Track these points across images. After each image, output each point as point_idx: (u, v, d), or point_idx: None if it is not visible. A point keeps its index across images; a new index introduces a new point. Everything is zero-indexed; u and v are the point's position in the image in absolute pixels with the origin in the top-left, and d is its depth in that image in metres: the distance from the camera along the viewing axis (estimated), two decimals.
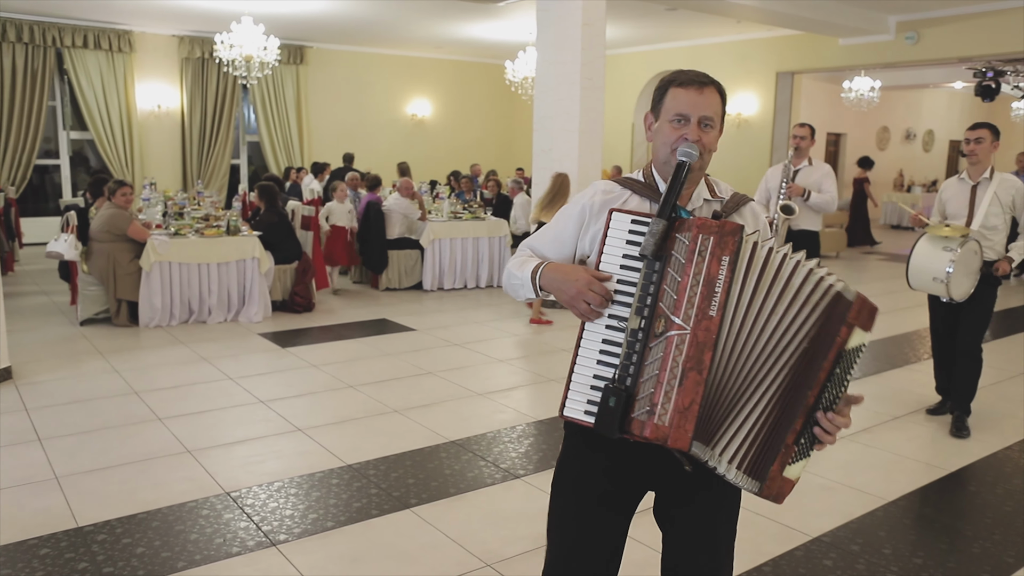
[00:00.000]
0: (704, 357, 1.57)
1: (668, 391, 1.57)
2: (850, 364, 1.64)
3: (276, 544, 3.15)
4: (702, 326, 1.58)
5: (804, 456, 1.66)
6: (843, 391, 1.66)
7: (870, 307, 1.63)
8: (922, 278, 4.41)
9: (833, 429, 1.64)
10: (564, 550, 1.90)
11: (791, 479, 1.65)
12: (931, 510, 3.60)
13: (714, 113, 1.76)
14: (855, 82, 13.41)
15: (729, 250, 1.58)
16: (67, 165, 12.14)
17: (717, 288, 1.58)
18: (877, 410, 4.94)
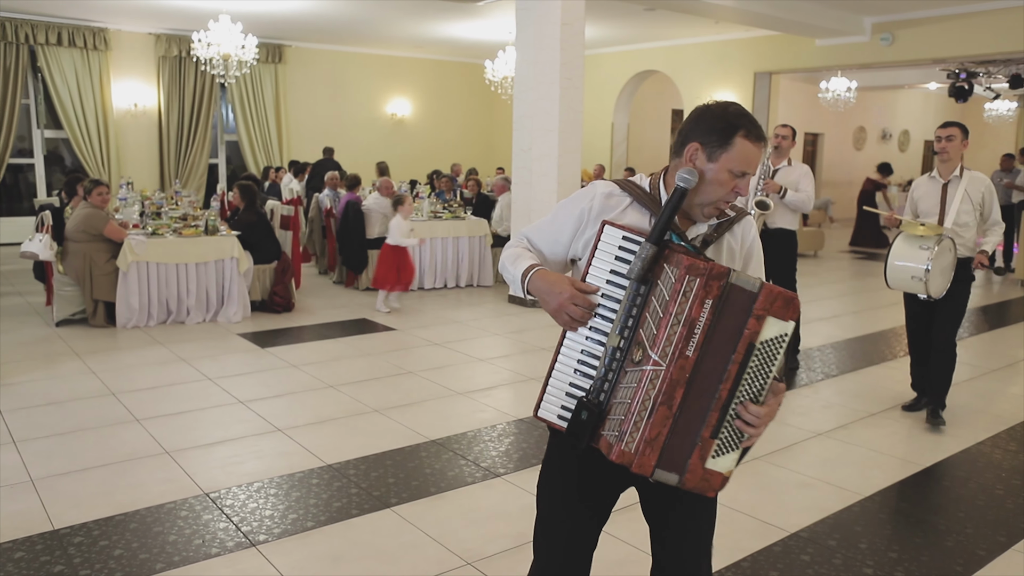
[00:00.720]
0: (676, 393, 1.62)
1: (638, 422, 1.64)
2: (771, 355, 1.62)
3: (256, 544, 3.14)
4: (677, 364, 1.61)
5: (731, 449, 1.65)
6: (767, 382, 1.64)
7: (784, 296, 1.60)
8: (900, 277, 4.46)
9: (754, 420, 1.63)
10: (551, 544, 1.92)
11: (719, 471, 1.65)
12: (906, 505, 3.66)
13: None
14: (832, 82, 13.54)
15: (713, 294, 1.60)
16: (41, 164, 11.98)
17: (697, 330, 1.61)
18: (854, 407, 4.99)
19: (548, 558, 1.92)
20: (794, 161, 5.76)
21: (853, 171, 17.90)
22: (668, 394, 1.62)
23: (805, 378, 5.64)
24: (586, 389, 1.71)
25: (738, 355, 1.59)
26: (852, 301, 8.66)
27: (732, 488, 3.74)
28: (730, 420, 1.63)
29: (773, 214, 5.63)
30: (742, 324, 1.59)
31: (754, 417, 1.63)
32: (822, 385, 5.47)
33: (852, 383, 5.54)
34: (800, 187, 5.64)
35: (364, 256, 8.49)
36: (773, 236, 5.67)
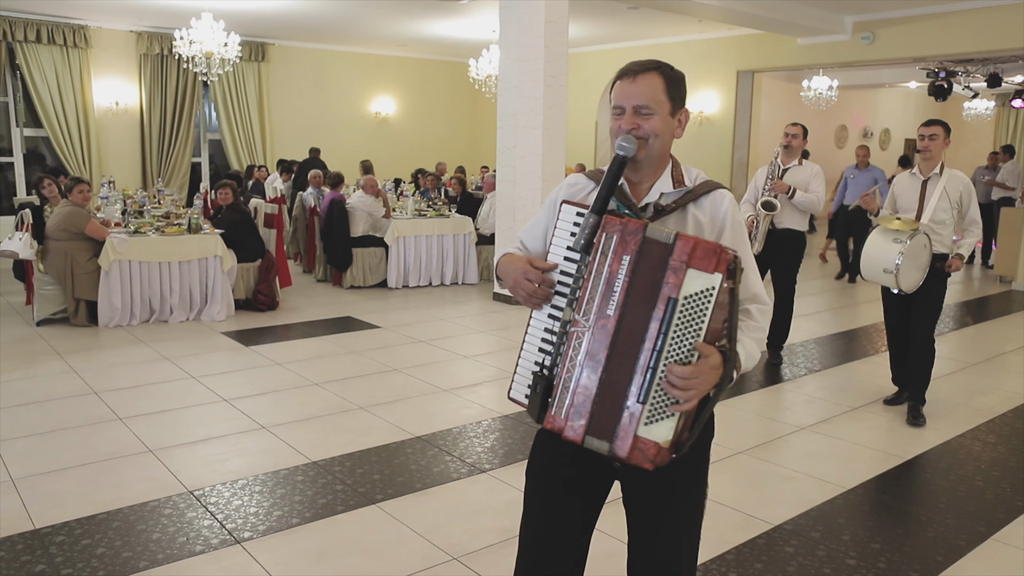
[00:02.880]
0: (600, 355, 1.59)
1: (566, 385, 1.62)
2: (697, 311, 1.53)
3: (241, 542, 3.12)
4: (599, 324, 1.59)
5: (665, 416, 1.57)
6: (695, 341, 1.55)
7: (704, 246, 1.51)
8: (873, 269, 4.51)
9: (679, 382, 1.53)
10: (532, 535, 1.91)
11: (654, 440, 1.57)
12: (888, 497, 3.69)
13: (650, 100, 1.73)
14: (814, 81, 13.64)
15: (631, 249, 1.57)
16: (21, 163, 11.85)
17: (616, 287, 1.58)
18: (837, 401, 5.04)
19: (529, 549, 1.91)
20: (805, 161, 5.67)
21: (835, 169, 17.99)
22: (592, 354, 1.59)
23: (789, 373, 5.68)
24: (546, 365, 1.70)
25: (659, 311, 1.52)
26: (835, 298, 8.72)
27: (715, 481, 3.77)
28: (659, 384, 1.55)
29: (781, 214, 5.56)
30: (660, 278, 1.52)
31: (679, 379, 1.53)
32: (805, 380, 5.52)
33: (835, 378, 5.59)
34: (810, 188, 5.54)
35: (349, 254, 8.47)
36: (780, 236, 5.60)
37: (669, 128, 1.78)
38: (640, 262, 1.56)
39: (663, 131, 1.76)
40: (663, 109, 1.75)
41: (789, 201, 5.50)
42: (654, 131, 1.74)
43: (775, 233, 5.60)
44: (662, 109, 1.75)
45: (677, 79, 1.79)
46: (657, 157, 1.78)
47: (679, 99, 1.79)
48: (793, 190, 5.48)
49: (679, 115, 1.80)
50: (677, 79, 1.79)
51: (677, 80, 1.79)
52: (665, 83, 1.76)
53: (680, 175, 1.83)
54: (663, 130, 1.76)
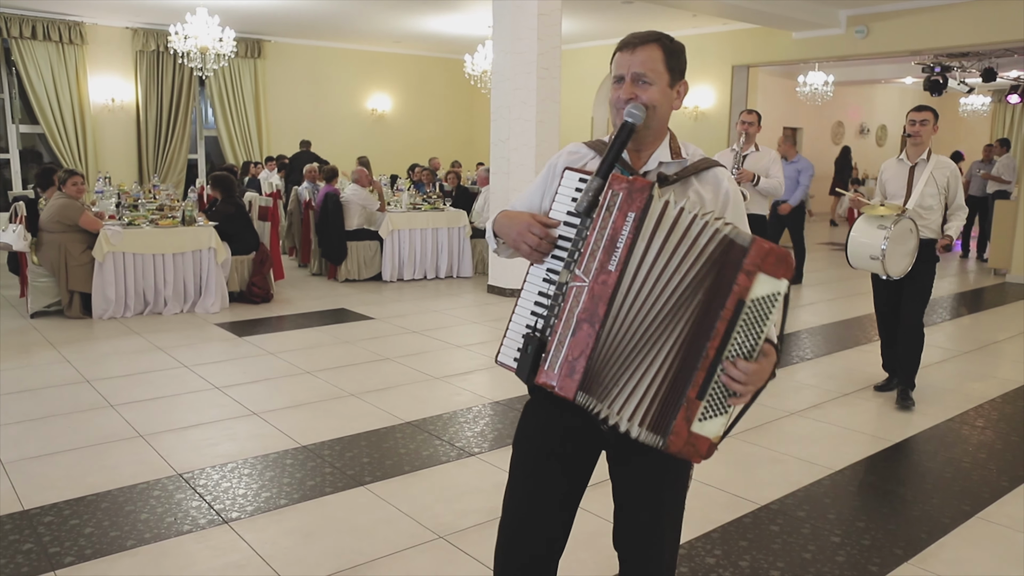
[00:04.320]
0: (599, 310, 1.58)
1: (561, 340, 1.61)
2: (763, 314, 1.55)
3: (228, 521, 3.14)
4: (599, 280, 1.59)
5: (720, 412, 1.59)
6: (759, 342, 1.57)
7: (777, 253, 1.52)
8: (860, 256, 4.54)
9: (741, 376, 1.55)
10: (515, 501, 1.91)
11: (706, 436, 1.59)
12: (875, 478, 3.71)
13: (649, 69, 1.73)
14: (809, 77, 13.66)
15: (636, 206, 1.57)
16: (17, 159, 11.86)
17: (619, 243, 1.58)
18: (827, 388, 5.05)
19: (512, 514, 1.91)
20: (762, 147, 5.86)
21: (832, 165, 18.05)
22: (591, 311, 1.59)
23: (781, 361, 5.66)
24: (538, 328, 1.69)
25: (727, 312, 1.53)
26: (828, 289, 8.74)
27: (705, 464, 3.76)
28: (718, 381, 1.57)
29: (747, 201, 5.69)
30: (732, 280, 1.53)
31: (742, 374, 1.55)
32: (797, 368, 5.53)
33: (826, 366, 5.60)
34: (771, 173, 5.75)
35: (343, 248, 8.48)
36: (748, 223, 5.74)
37: (668, 99, 1.78)
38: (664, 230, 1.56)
39: (661, 102, 1.76)
40: (662, 80, 1.75)
41: (754, 188, 5.65)
42: (652, 101, 1.74)
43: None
44: (660, 80, 1.75)
45: (676, 51, 1.79)
46: (656, 128, 1.79)
47: (678, 71, 1.79)
48: (757, 177, 5.64)
49: (678, 87, 1.80)
50: (676, 51, 1.79)
51: (676, 52, 1.79)
52: (664, 54, 1.76)
53: (678, 147, 1.84)
54: (661, 101, 1.76)
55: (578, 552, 2.82)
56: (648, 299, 1.58)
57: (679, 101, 1.81)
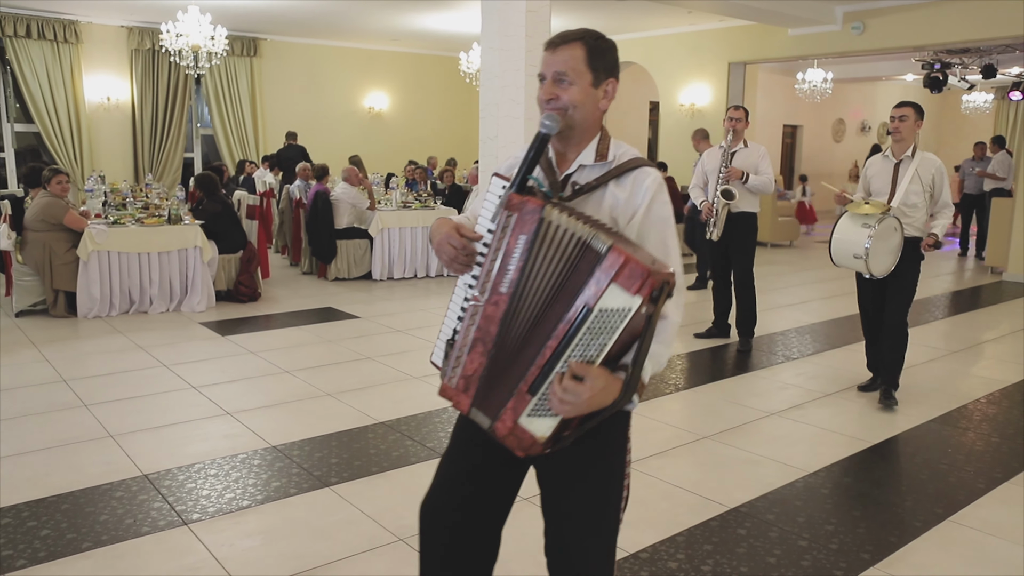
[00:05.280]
0: (491, 330, 1.60)
1: (459, 356, 1.65)
2: (608, 326, 1.47)
3: (188, 523, 3.10)
4: (492, 300, 1.60)
5: (549, 414, 1.56)
6: (600, 355, 1.50)
7: (633, 267, 1.43)
8: (843, 255, 4.48)
9: (560, 392, 1.50)
10: (435, 479, 1.90)
11: (531, 432, 1.57)
12: (849, 480, 3.65)
13: (570, 68, 1.70)
14: (808, 74, 13.56)
15: (528, 229, 1.57)
16: (12, 158, 11.86)
17: (511, 266, 1.58)
18: (810, 388, 4.99)
19: (429, 491, 1.89)
20: (750, 143, 5.76)
21: (833, 163, 17.95)
22: (484, 330, 1.61)
23: (765, 361, 5.63)
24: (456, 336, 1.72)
25: (572, 314, 1.49)
26: (820, 288, 8.67)
27: (676, 465, 3.74)
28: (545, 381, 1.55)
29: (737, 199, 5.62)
30: (583, 282, 1.48)
31: (561, 391, 1.50)
32: (780, 368, 5.47)
33: (811, 365, 5.54)
34: (760, 169, 5.65)
35: (333, 246, 8.45)
36: (735, 220, 5.69)
37: (591, 99, 1.74)
38: (547, 249, 1.55)
39: (583, 102, 1.72)
40: (583, 80, 1.72)
41: (743, 185, 5.56)
42: (572, 102, 1.71)
43: (731, 217, 5.66)
44: (582, 80, 1.72)
45: (601, 49, 1.75)
46: (581, 128, 1.75)
47: (604, 70, 1.75)
48: (746, 175, 5.55)
49: (604, 86, 1.76)
50: (601, 49, 1.75)
51: (602, 50, 1.74)
52: (587, 53, 1.72)
53: (606, 149, 1.79)
54: (583, 101, 1.72)
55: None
56: (534, 318, 1.57)
57: (607, 101, 1.77)
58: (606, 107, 1.78)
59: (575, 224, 1.53)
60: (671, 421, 4.38)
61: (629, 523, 3.14)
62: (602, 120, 1.81)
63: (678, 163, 12.34)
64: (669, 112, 12.76)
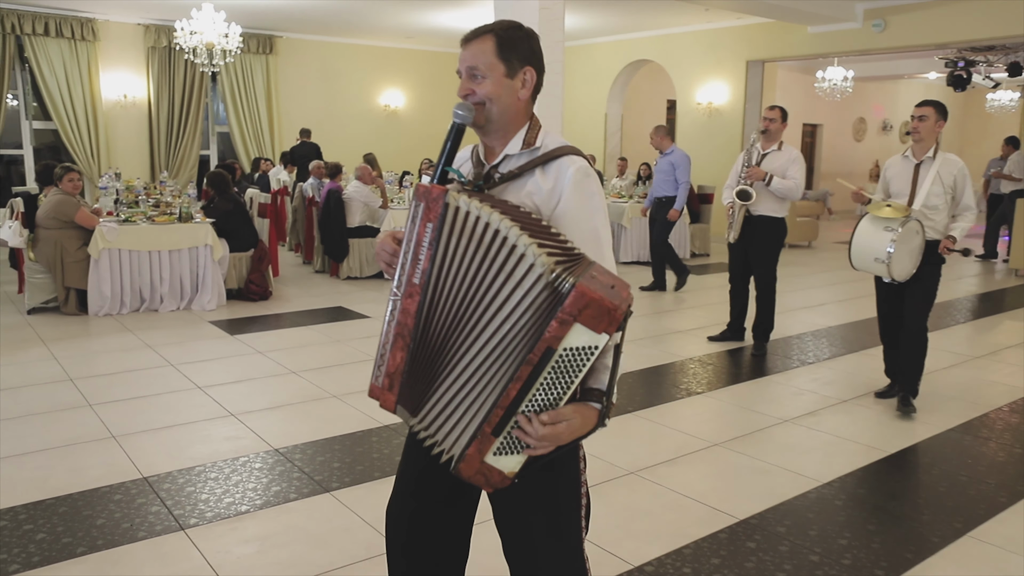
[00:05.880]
0: (408, 323, 1.55)
1: (383, 354, 1.60)
2: (575, 365, 1.44)
3: (185, 528, 3.05)
4: (408, 293, 1.55)
5: (516, 451, 1.53)
6: (566, 393, 1.47)
7: (599, 306, 1.38)
8: (864, 258, 4.36)
9: (534, 433, 1.47)
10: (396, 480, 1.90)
11: (499, 469, 1.54)
12: (864, 491, 3.54)
13: (480, 62, 1.68)
14: (828, 72, 13.36)
15: (433, 216, 1.51)
16: (31, 155, 11.94)
17: (421, 256, 1.53)
18: (825, 394, 4.87)
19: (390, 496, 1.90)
20: (785, 145, 5.53)
21: (853, 163, 17.72)
22: (403, 324, 1.55)
23: (780, 365, 5.52)
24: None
25: (534, 356, 1.43)
26: (838, 290, 8.51)
27: (685, 473, 3.65)
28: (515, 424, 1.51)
29: (757, 201, 5.46)
30: (544, 326, 1.41)
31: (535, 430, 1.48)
32: (795, 373, 5.35)
33: (827, 370, 5.42)
34: (788, 174, 5.42)
35: (345, 245, 8.40)
36: (756, 224, 5.52)
37: (508, 90, 1.70)
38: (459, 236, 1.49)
39: (498, 94, 1.69)
40: (495, 72, 1.69)
41: (766, 188, 5.39)
42: (487, 95, 1.68)
43: (752, 220, 5.50)
44: (494, 72, 1.68)
45: (513, 39, 1.70)
46: (502, 121, 1.72)
47: (517, 60, 1.70)
48: (770, 177, 5.36)
49: (521, 75, 1.71)
50: (513, 39, 1.70)
51: (513, 40, 1.70)
52: (496, 45, 1.69)
53: (533, 138, 1.75)
54: (498, 93, 1.69)
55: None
56: (455, 315, 1.53)
57: (526, 91, 1.72)
58: (526, 96, 1.74)
59: (486, 211, 1.47)
60: (681, 427, 4.28)
61: (634, 534, 3.06)
62: (529, 110, 1.76)
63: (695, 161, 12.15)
64: (686, 111, 12.62)
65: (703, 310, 7.24)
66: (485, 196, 1.58)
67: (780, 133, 5.52)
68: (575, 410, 1.51)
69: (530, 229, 1.49)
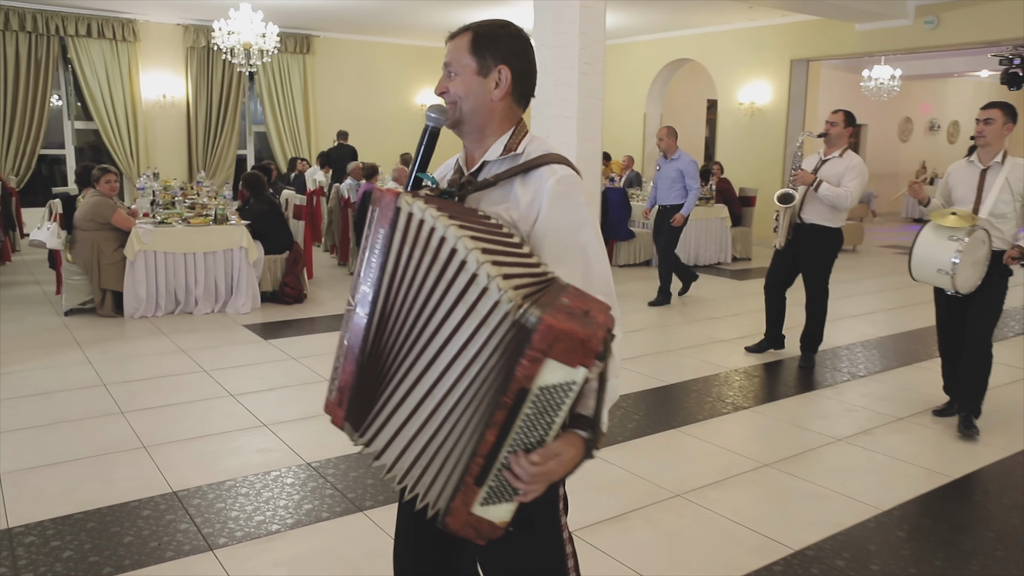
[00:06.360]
0: (359, 334, 1.46)
1: (337, 367, 1.53)
2: (554, 403, 1.31)
3: (213, 548, 2.95)
4: (359, 302, 1.47)
5: (506, 499, 1.40)
6: (549, 433, 1.34)
7: (570, 338, 1.24)
8: (925, 269, 4.12)
9: (523, 474, 1.34)
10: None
11: (490, 520, 1.41)
12: (929, 521, 3.32)
13: (454, 59, 1.60)
14: (875, 71, 12.98)
15: (386, 220, 1.41)
16: (72, 155, 12.07)
17: (373, 262, 1.44)
18: (880, 411, 4.64)
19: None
20: (848, 152, 5.20)
21: (899, 164, 17.25)
22: (354, 335, 1.46)
23: (829, 378, 5.28)
24: None
25: (508, 398, 1.29)
26: (888, 298, 8.21)
27: (734, 497, 3.46)
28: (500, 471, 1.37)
29: (808, 208, 5.20)
30: (515, 365, 1.27)
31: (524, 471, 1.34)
32: (846, 387, 5.12)
33: (880, 385, 5.17)
34: (843, 182, 5.11)
35: None
36: (806, 232, 5.26)
37: (480, 89, 1.59)
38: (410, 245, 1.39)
39: (468, 92, 1.59)
40: (467, 69, 1.59)
41: (815, 194, 5.12)
42: (458, 93, 1.59)
43: (802, 228, 5.24)
44: (466, 69, 1.59)
45: (490, 36, 1.59)
46: (475, 122, 1.61)
47: (491, 57, 1.58)
48: (819, 182, 5.08)
49: (494, 74, 1.59)
50: (490, 36, 1.59)
51: (490, 37, 1.59)
52: (471, 41, 1.59)
53: (516, 143, 1.61)
54: (467, 91, 1.59)
55: None
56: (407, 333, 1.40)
57: (500, 90, 1.59)
58: (500, 96, 1.60)
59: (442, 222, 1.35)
60: (728, 445, 4.08)
61: (683, 563, 2.89)
62: (512, 113, 1.63)
63: (737, 163, 11.94)
64: (728, 110, 12.33)
65: (746, 318, 7.01)
66: (447, 203, 1.46)
67: (843, 139, 5.21)
68: (565, 442, 1.37)
69: (491, 246, 1.35)
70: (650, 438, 4.15)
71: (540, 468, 1.34)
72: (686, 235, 9.57)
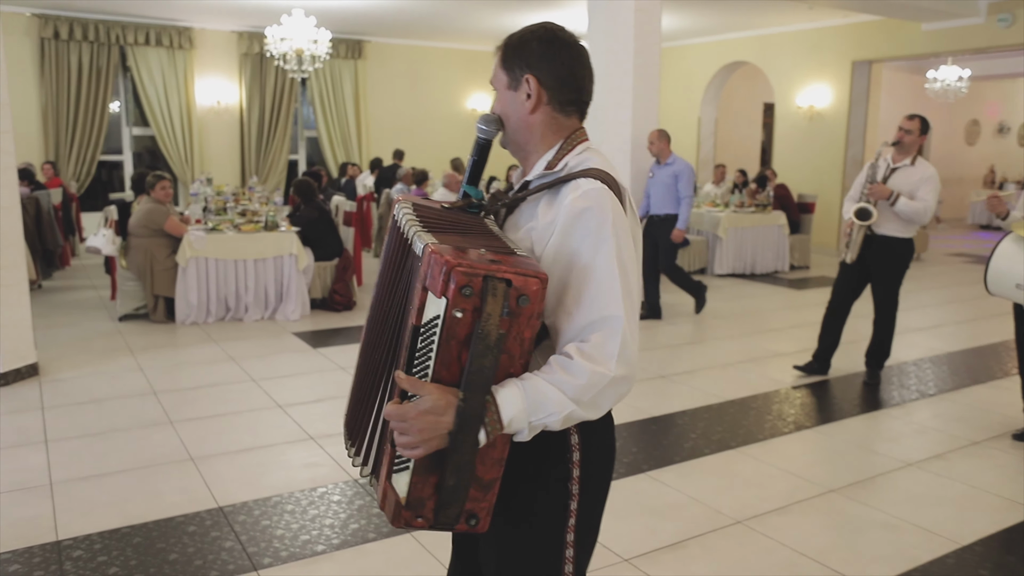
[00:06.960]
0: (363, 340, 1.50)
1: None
2: (426, 346, 1.22)
3: (258, 568, 2.88)
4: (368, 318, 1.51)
5: (403, 466, 1.26)
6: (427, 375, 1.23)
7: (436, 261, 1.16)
8: (1004, 283, 3.87)
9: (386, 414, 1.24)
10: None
11: (396, 491, 1.27)
12: (1015, 560, 3.08)
13: (494, 76, 1.55)
14: (941, 72, 12.49)
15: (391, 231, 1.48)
16: (130, 161, 12.32)
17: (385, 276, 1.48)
18: (954, 433, 4.38)
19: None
20: (920, 160, 4.91)
21: (965, 168, 16.62)
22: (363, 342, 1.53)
23: (897, 397, 5.02)
24: None
25: (406, 335, 1.24)
26: (957, 310, 7.85)
27: (799, 525, 3.27)
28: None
29: (881, 219, 4.93)
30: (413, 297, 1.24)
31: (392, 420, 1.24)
32: (916, 406, 4.85)
33: (953, 404, 4.90)
34: (918, 195, 4.82)
35: None
36: (880, 244, 4.96)
37: (515, 104, 1.49)
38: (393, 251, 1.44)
39: (505, 108, 1.52)
40: (501, 84, 1.52)
41: (891, 208, 4.83)
42: (499, 110, 1.54)
43: (874, 240, 4.96)
44: (500, 85, 1.53)
45: (516, 45, 1.49)
46: (517, 140, 1.53)
47: (517, 67, 1.48)
48: (896, 196, 4.80)
49: (521, 85, 1.47)
50: (516, 45, 1.49)
51: (515, 46, 1.49)
52: (503, 54, 1.52)
53: (559, 159, 1.48)
54: (504, 107, 1.52)
55: None
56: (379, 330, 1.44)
57: (531, 102, 1.47)
58: (531, 109, 1.48)
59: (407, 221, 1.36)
60: (791, 468, 3.88)
61: None
62: (557, 125, 1.50)
63: (794, 168, 11.60)
64: (785, 114, 12.00)
65: (805, 330, 6.75)
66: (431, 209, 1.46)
67: (916, 146, 4.93)
68: (431, 389, 1.22)
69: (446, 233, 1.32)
70: (708, 459, 3.98)
71: (396, 409, 1.23)
72: (742, 241, 9.32)
